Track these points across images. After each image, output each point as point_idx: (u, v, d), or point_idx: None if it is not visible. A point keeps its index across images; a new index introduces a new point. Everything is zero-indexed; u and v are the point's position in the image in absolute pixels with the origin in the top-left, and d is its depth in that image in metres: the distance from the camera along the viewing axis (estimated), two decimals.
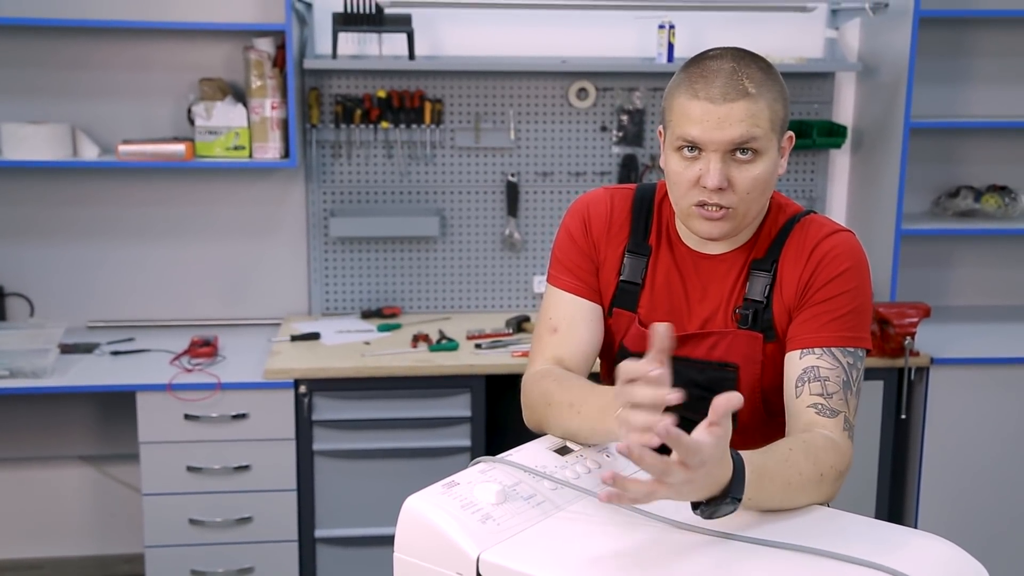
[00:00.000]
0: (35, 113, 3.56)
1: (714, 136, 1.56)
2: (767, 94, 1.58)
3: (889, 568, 1.23)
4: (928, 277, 3.99)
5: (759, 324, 1.67)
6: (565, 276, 1.77)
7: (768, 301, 1.67)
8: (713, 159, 1.57)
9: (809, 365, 1.59)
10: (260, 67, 3.44)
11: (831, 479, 1.48)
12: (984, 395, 3.43)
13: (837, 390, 1.58)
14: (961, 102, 3.91)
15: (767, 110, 1.57)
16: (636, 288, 1.75)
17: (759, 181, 1.59)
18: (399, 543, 1.36)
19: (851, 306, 1.62)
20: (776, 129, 1.60)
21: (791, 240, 1.67)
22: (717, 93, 1.55)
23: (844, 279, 1.62)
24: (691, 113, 1.57)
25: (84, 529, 3.88)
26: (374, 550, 3.29)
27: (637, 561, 1.28)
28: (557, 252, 1.80)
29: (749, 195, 1.59)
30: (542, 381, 1.66)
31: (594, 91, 3.76)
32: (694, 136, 1.57)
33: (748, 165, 1.58)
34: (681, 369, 1.68)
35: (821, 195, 3.92)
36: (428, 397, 3.29)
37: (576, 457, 1.53)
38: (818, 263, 1.64)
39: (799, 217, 1.70)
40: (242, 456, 3.24)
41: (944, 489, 3.46)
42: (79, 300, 3.72)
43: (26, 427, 3.75)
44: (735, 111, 1.55)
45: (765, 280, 1.67)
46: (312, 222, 3.75)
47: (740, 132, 1.55)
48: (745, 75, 1.57)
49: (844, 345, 1.60)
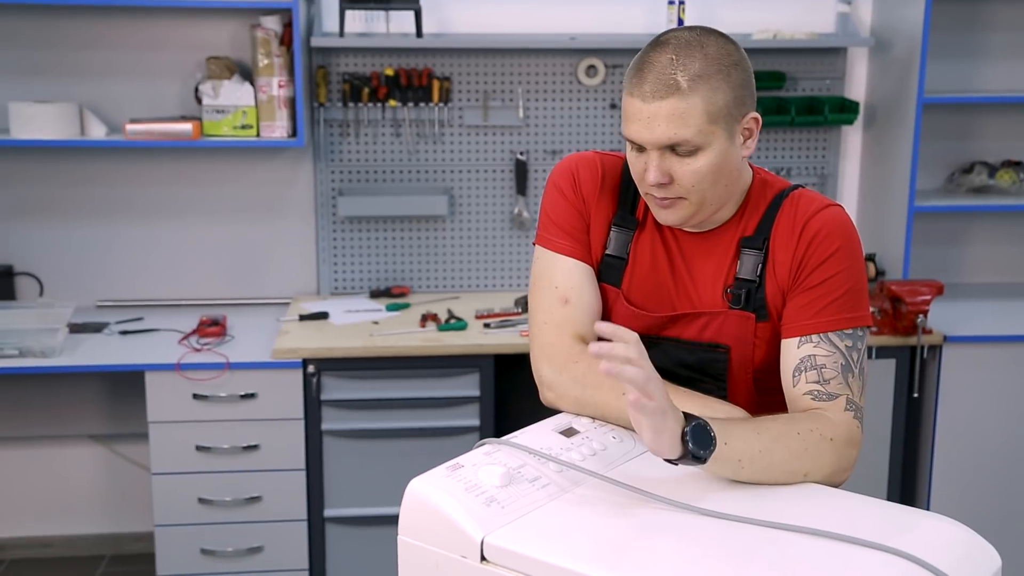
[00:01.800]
0: (42, 92, 3.55)
1: (644, 136, 1.55)
2: (703, 86, 1.52)
3: (899, 550, 1.22)
4: (941, 254, 3.96)
5: (751, 304, 1.64)
6: (563, 240, 1.72)
7: (760, 280, 1.64)
8: (652, 156, 1.56)
9: (806, 354, 1.57)
10: (267, 45, 3.42)
11: (813, 441, 1.48)
12: (998, 373, 3.41)
13: (835, 375, 1.56)
14: (975, 77, 3.87)
15: (701, 104, 1.52)
16: (621, 263, 1.72)
17: (702, 173, 1.56)
18: (403, 526, 1.36)
19: (846, 286, 1.59)
20: (720, 120, 1.54)
21: (781, 216, 1.64)
22: (648, 90, 1.53)
23: (836, 259, 1.60)
24: (628, 110, 1.57)
25: (94, 508, 3.89)
26: (383, 529, 3.29)
27: (643, 543, 1.27)
28: (550, 212, 1.74)
29: (694, 187, 1.57)
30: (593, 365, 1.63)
31: (603, 68, 3.73)
32: (630, 135, 1.57)
33: (688, 159, 1.56)
34: (671, 350, 1.68)
35: (833, 172, 3.89)
36: (437, 377, 3.28)
37: (582, 439, 1.52)
38: (809, 243, 1.60)
39: (787, 192, 1.67)
40: (251, 436, 3.24)
41: (957, 468, 3.44)
42: (88, 279, 3.72)
43: (36, 406, 3.75)
44: (662, 110, 1.52)
45: (756, 258, 1.64)
46: (320, 201, 3.73)
47: (667, 134, 1.53)
48: (681, 67, 1.52)
49: (841, 328, 1.58)
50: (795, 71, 3.79)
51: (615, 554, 1.24)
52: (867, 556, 1.23)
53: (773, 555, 1.24)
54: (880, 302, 3.36)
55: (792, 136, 3.85)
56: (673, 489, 1.38)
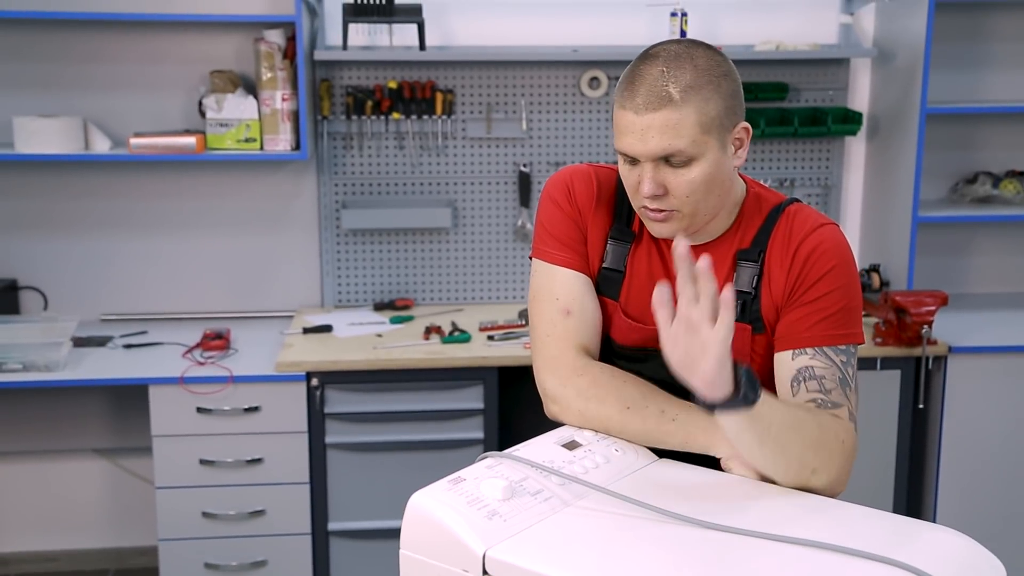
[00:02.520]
0: (47, 107, 3.56)
1: (638, 149, 1.55)
2: (695, 97, 1.53)
3: (901, 562, 1.21)
4: (946, 265, 3.95)
5: (748, 315, 1.64)
6: (561, 251, 1.72)
7: (756, 292, 1.64)
8: (646, 168, 1.56)
9: (803, 366, 1.57)
10: (271, 59, 3.42)
11: (829, 438, 1.49)
12: (1003, 384, 3.40)
13: (835, 387, 1.56)
14: (978, 87, 3.86)
15: (694, 114, 1.52)
16: (619, 276, 1.72)
17: (696, 184, 1.56)
18: (405, 539, 1.35)
19: (841, 304, 1.60)
20: (712, 130, 1.55)
21: (777, 231, 1.65)
22: (640, 103, 1.53)
23: (832, 277, 1.60)
24: (620, 123, 1.57)
25: (98, 522, 3.89)
26: (387, 543, 3.29)
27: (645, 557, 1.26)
28: (546, 224, 1.74)
29: (689, 198, 1.57)
30: (612, 380, 1.63)
31: (606, 80, 3.73)
32: (624, 148, 1.57)
33: (682, 170, 1.56)
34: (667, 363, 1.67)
35: (836, 183, 3.89)
36: (441, 389, 3.27)
37: (584, 452, 1.51)
38: (804, 261, 1.61)
39: (783, 207, 1.67)
40: (254, 449, 3.23)
41: (962, 480, 3.43)
42: (92, 293, 3.73)
43: (40, 421, 3.75)
44: (656, 121, 1.52)
45: (752, 271, 1.65)
46: (324, 214, 3.73)
47: (661, 146, 1.53)
48: (672, 79, 1.53)
49: (836, 343, 1.59)
50: (798, 82, 3.80)
51: (617, 567, 1.24)
52: (870, 569, 1.22)
53: (776, 568, 1.23)
54: (885, 313, 3.36)
55: (795, 147, 3.85)
56: (675, 502, 1.37)
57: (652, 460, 1.55)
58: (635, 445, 1.57)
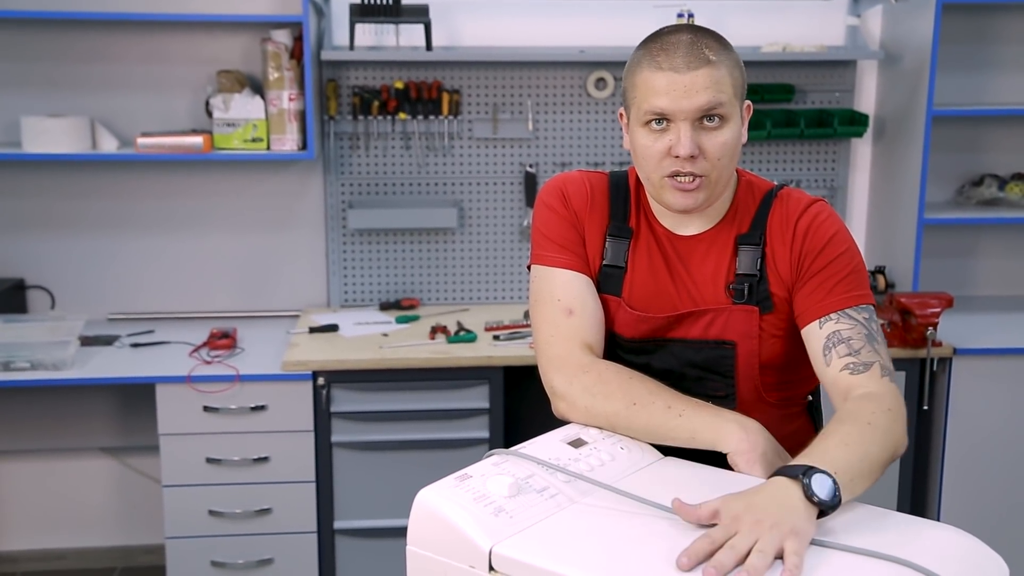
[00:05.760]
0: (54, 106, 3.58)
1: (682, 105, 1.58)
2: (727, 61, 1.62)
3: (906, 561, 1.22)
4: (951, 267, 3.95)
5: (754, 297, 1.68)
6: (560, 254, 1.74)
7: (762, 273, 1.68)
8: (683, 128, 1.60)
9: (830, 331, 1.61)
10: (277, 59, 3.43)
11: (882, 422, 1.49)
12: (1008, 386, 3.39)
13: (863, 345, 1.59)
14: (985, 89, 3.86)
15: (728, 76, 1.61)
16: (620, 272, 1.74)
17: (728, 146, 1.62)
18: (412, 536, 1.36)
19: (850, 266, 1.65)
20: (738, 95, 1.64)
21: (774, 213, 1.70)
22: (681, 62, 1.59)
23: (835, 243, 1.66)
24: (656, 85, 1.60)
25: (105, 520, 3.90)
26: (393, 542, 3.29)
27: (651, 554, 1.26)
28: (543, 229, 1.77)
29: (720, 161, 1.62)
30: (618, 376, 1.63)
31: (612, 81, 3.73)
32: (662, 107, 1.59)
33: (716, 131, 1.61)
34: (678, 350, 1.70)
35: (843, 184, 3.89)
36: (446, 389, 3.28)
37: (590, 449, 1.52)
38: (805, 233, 1.67)
39: (775, 191, 1.73)
40: (261, 448, 3.24)
41: (967, 481, 3.43)
42: (99, 292, 3.74)
43: (47, 419, 3.77)
44: (699, 78, 1.58)
45: (755, 253, 1.69)
46: (330, 214, 3.74)
47: (707, 99, 1.58)
48: (704, 44, 1.61)
49: (855, 304, 1.63)
50: (804, 84, 3.80)
51: (623, 564, 1.24)
52: (875, 567, 1.22)
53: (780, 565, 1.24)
54: (890, 314, 3.36)
55: (801, 149, 3.85)
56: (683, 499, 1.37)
57: (658, 458, 1.55)
58: (641, 443, 1.57)
